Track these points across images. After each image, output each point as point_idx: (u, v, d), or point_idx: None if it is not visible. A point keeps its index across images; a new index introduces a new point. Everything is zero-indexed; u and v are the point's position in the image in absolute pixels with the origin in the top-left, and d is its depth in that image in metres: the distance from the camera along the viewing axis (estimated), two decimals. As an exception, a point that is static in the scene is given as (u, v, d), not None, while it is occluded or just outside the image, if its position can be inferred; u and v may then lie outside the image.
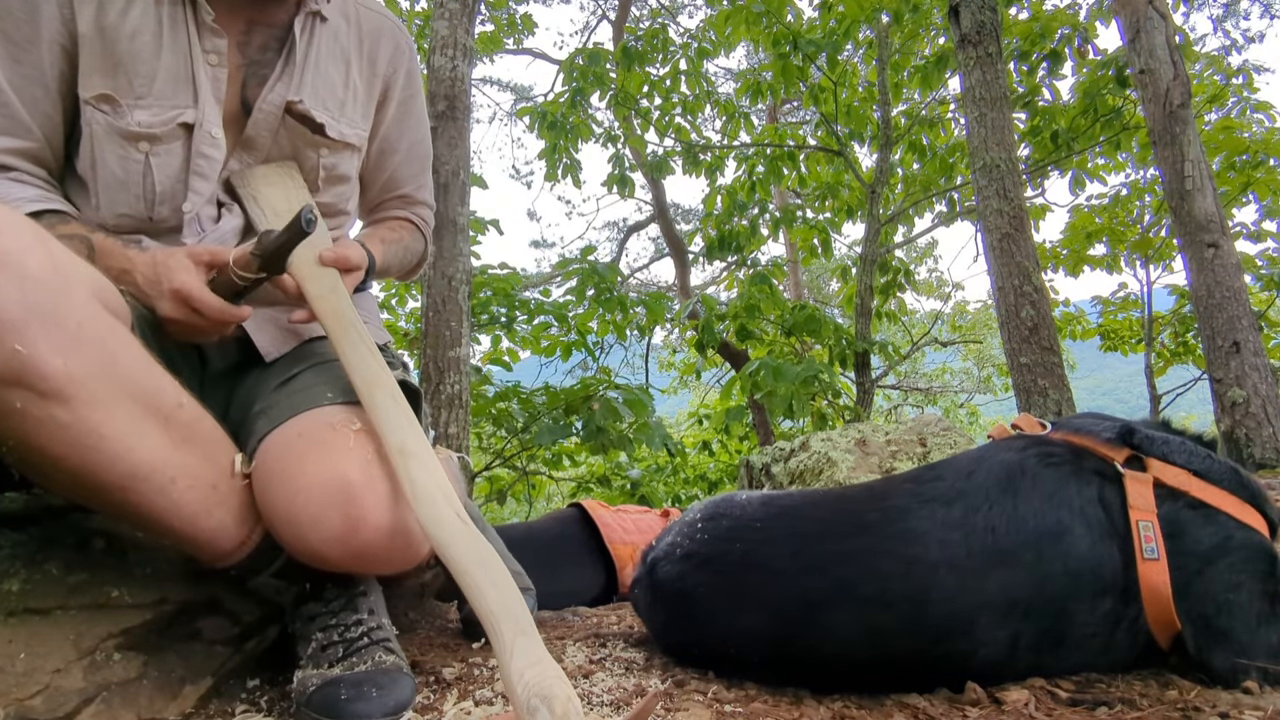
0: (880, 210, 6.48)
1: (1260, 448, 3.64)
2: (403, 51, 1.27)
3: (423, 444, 0.90)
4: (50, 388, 0.71)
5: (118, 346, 0.79)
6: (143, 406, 0.79)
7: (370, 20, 1.23)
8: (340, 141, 1.18)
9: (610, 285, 5.44)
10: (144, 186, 1.04)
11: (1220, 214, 3.92)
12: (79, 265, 0.79)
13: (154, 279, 0.96)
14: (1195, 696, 0.90)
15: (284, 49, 1.11)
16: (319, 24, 1.15)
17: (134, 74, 1.02)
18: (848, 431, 2.69)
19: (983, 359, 11.46)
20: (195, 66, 1.04)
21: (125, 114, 1.02)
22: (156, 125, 1.03)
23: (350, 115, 1.20)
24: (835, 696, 0.95)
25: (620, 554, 1.83)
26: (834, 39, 6.00)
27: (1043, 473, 1.01)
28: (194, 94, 1.04)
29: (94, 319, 0.77)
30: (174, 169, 1.05)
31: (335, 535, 0.85)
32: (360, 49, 1.21)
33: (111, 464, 0.77)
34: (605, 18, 11.79)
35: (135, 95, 1.02)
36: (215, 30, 1.05)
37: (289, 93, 1.11)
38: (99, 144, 1.02)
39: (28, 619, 0.86)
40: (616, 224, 14.52)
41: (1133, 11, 4.18)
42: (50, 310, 0.72)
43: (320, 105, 1.14)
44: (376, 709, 0.87)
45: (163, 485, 0.81)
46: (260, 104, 1.09)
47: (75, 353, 0.73)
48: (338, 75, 1.17)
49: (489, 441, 5.22)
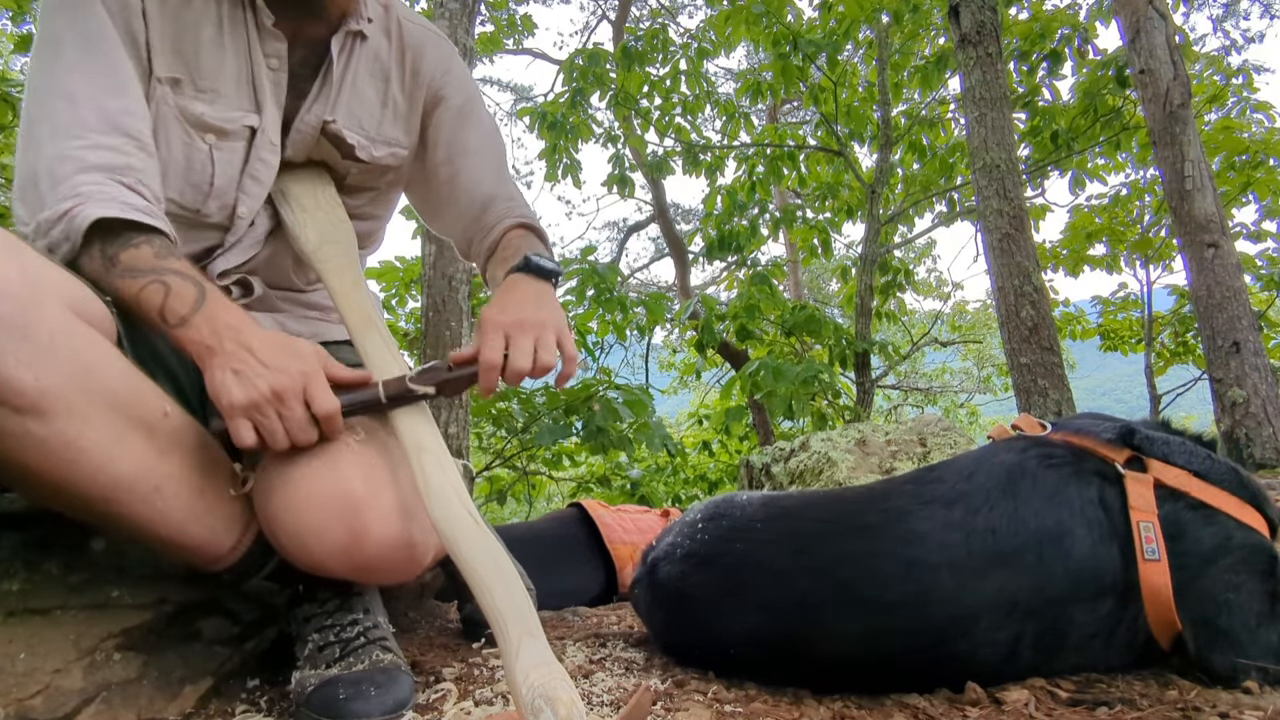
0: (880, 210, 6.48)
1: (1260, 448, 3.64)
2: (447, 57, 1.23)
3: (438, 441, 0.90)
4: (24, 403, 0.71)
5: (94, 357, 0.78)
6: (123, 417, 0.78)
7: (413, 34, 1.19)
8: (371, 164, 1.16)
9: (610, 285, 5.43)
10: (205, 176, 1.01)
11: (1220, 214, 3.92)
12: (52, 274, 0.78)
13: (279, 348, 0.86)
14: (1195, 696, 0.90)
15: (321, 66, 1.09)
16: (359, 44, 1.12)
17: (198, 67, 0.99)
18: (848, 431, 2.69)
19: (983, 359, 11.46)
20: (256, 70, 1.03)
21: (192, 102, 0.99)
22: (225, 121, 1.01)
23: (388, 133, 1.17)
24: (835, 696, 0.95)
25: (620, 554, 1.83)
26: (834, 39, 6.00)
27: (1043, 474, 1.01)
28: (255, 99, 1.03)
29: (67, 330, 0.76)
30: (233, 168, 1.03)
31: (339, 548, 0.84)
32: (402, 63, 1.18)
33: (92, 476, 0.76)
34: (605, 18, 11.80)
35: (197, 89, 1.00)
36: (276, 35, 1.03)
37: (325, 112, 1.09)
38: (166, 126, 0.99)
39: (28, 619, 0.86)
40: (616, 224, 14.54)
41: (1133, 11, 4.18)
42: (19, 323, 0.71)
43: (356, 125, 1.12)
44: (376, 708, 0.86)
45: (146, 494, 0.80)
46: (298, 123, 1.08)
47: (48, 366, 0.72)
48: (375, 94, 1.15)
49: (489, 441, 5.22)
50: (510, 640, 0.73)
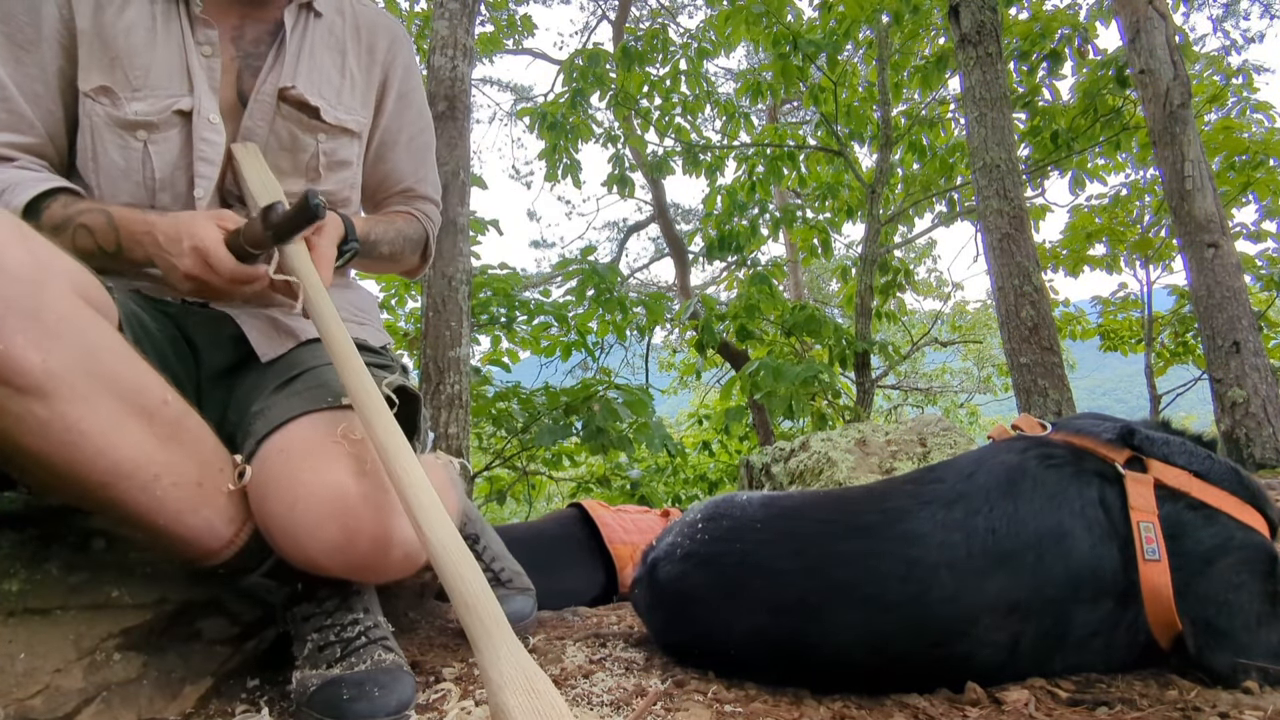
0: (880, 210, 6.48)
1: (1260, 448, 3.64)
2: (400, 43, 1.28)
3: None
4: (28, 383, 0.71)
5: (99, 342, 0.78)
6: (125, 403, 0.79)
7: (366, 14, 1.25)
8: (337, 126, 1.19)
9: (610, 285, 5.43)
10: (144, 174, 1.06)
11: (1220, 214, 3.92)
12: (60, 259, 0.79)
13: (174, 236, 0.97)
14: (1195, 696, 0.90)
15: (276, 41, 1.14)
16: (312, 18, 1.17)
17: (130, 67, 1.04)
18: (848, 431, 2.69)
19: (983, 359, 11.45)
20: (189, 57, 1.07)
21: (123, 105, 1.04)
22: (153, 114, 1.05)
23: (348, 102, 1.20)
24: (835, 696, 0.95)
25: (620, 554, 1.83)
26: (834, 39, 6.00)
27: (1043, 474, 1.01)
28: (189, 83, 1.07)
29: (74, 313, 0.76)
30: (172, 156, 1.07)
31: (333, 546, 0.84)
32: (358, 39, 1.23)
33: (92, 461, 0.76)
34: (605, 18, 11.79)
35: (132, 88, 1.05)
36: (206, 22, 1.09)
37: (281, 80, 1.13)
38: (98, 135, 1.05)
39: (28, 619, 0.86)
40: (616, 224, 14.53)
41: (1133, 11, 4.18)
42: (28, 304, 0.71)
43: (315, 91, 1.16)
44: (380, 708, 0.86)
45: (146, 482, 0.80)
46: (255, 94, 1.11)
47: (54, 348, 0.73)
48: (333, 64, 1.19)
49: (489, 441, 5.22)
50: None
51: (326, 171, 1.19)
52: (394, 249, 1.29)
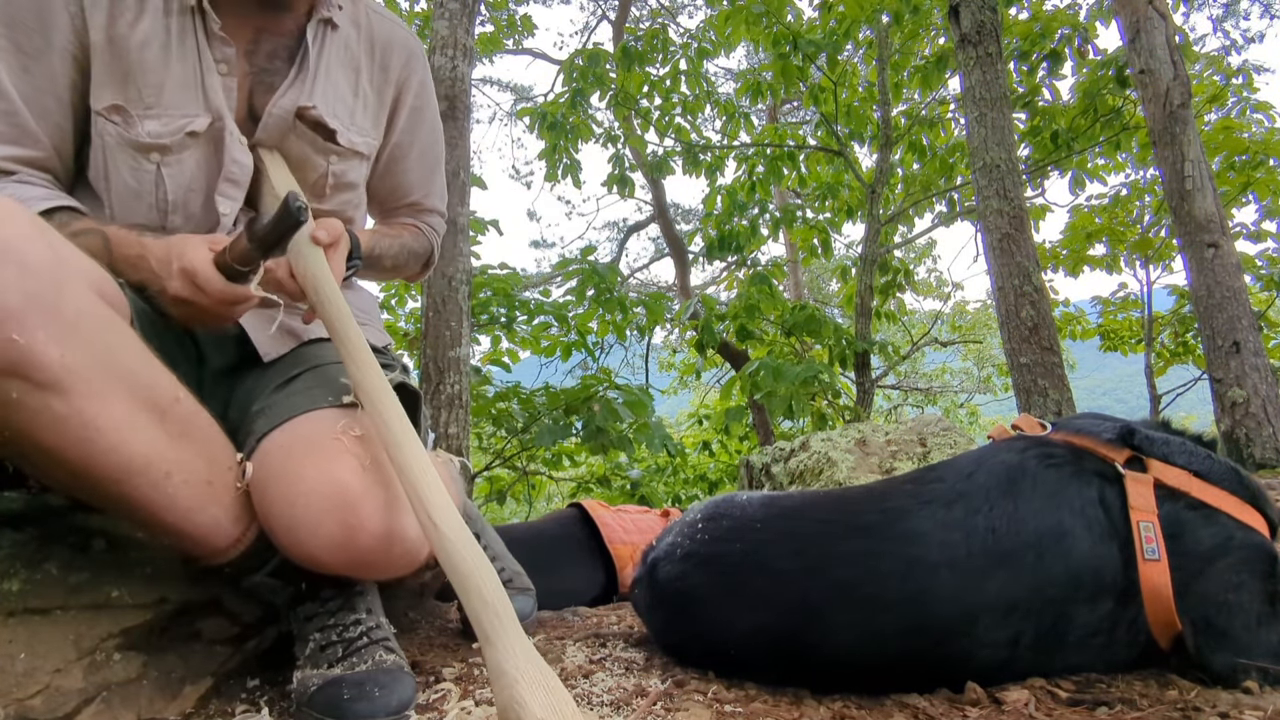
0: (880, 210, 6.48)
1: (1260, 448, 3.64)
2: (415, 59, 1.26)
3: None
4: (47, 378, 0.71)
5: (115, 339, 0.79)
6: (139, 399, 0.79)
7: (382, 28, 1.22)
8: (350, 149, 1.17)
9: (610, 285, 5.43)
10: (156, 196, 1.05)
11: (1220, 214, 3.92)
12: (78, 257, 0.79)
13: (165, 259, 0.96)
14: (1195, 696, 0.90)
15: (295, 56, 1.11)
16: (330, 31, 1.15)
17: (144, 84, 1.02)
18: (848, 431, 2.69)
19: (983, 359, 11.45)
20: (205, 75, 1.04)
21: (136, 124, 1.02)
22: (166, 135, 1.03)
23: (360, 124, 1.19)
24: (835, 696, 0.95)
25: (620, 554, 1.83)
26: (834, 39, 6.00)
27: (1043, 474, 1.01)
28: (204, 102, 1.04)
29: (92, 310, 0.77)
30: (185, 178, 1.05)
31: (333, 542, 0.85)
32: (372, 56, 1.21)
33: (107, 456, 0.77)
34: (605, 18, 11.79)
35: (145, 105, 1.02)
36: (224, 39, 1.05)
37: (301, 99, 1.10)
38: (111, 155, 1.03)
39: (28, 619, 0.86)
40: (616, 224, 14.52)
41: (1133, 11, 4.18)
42: (49, 300, 0.72)
43: (330, 112, 1.14)
44: (380, 708, 0.86)
45: (158, 479, 0.81)
46: (271, 109, 1.09)
47: (72, 343, 0.73)
48: (347, 84, 1.17)
49: (489, 441, 5.22)
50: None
51: (333, 192, 1.18)
52: (397, 262, 1.32)
